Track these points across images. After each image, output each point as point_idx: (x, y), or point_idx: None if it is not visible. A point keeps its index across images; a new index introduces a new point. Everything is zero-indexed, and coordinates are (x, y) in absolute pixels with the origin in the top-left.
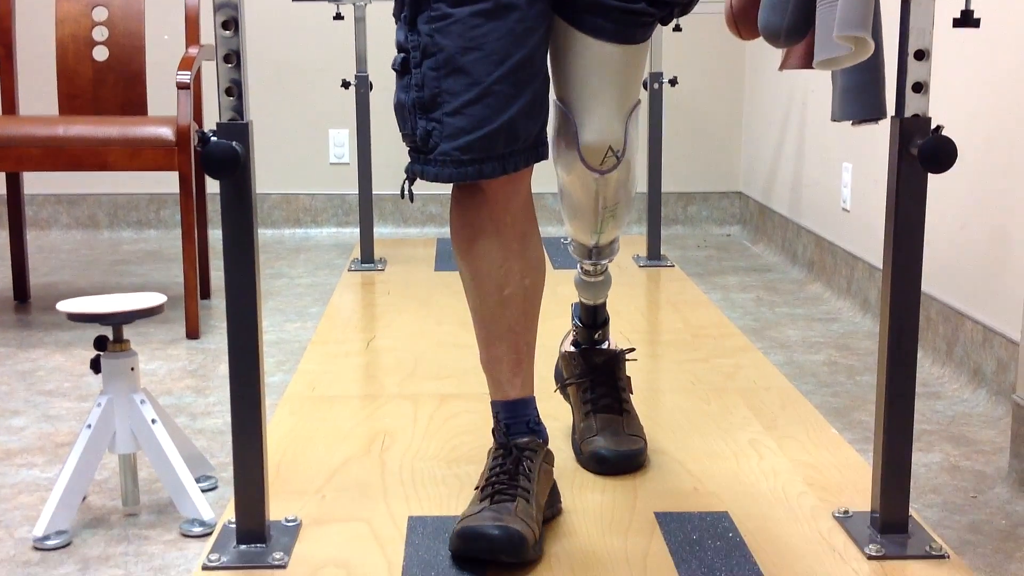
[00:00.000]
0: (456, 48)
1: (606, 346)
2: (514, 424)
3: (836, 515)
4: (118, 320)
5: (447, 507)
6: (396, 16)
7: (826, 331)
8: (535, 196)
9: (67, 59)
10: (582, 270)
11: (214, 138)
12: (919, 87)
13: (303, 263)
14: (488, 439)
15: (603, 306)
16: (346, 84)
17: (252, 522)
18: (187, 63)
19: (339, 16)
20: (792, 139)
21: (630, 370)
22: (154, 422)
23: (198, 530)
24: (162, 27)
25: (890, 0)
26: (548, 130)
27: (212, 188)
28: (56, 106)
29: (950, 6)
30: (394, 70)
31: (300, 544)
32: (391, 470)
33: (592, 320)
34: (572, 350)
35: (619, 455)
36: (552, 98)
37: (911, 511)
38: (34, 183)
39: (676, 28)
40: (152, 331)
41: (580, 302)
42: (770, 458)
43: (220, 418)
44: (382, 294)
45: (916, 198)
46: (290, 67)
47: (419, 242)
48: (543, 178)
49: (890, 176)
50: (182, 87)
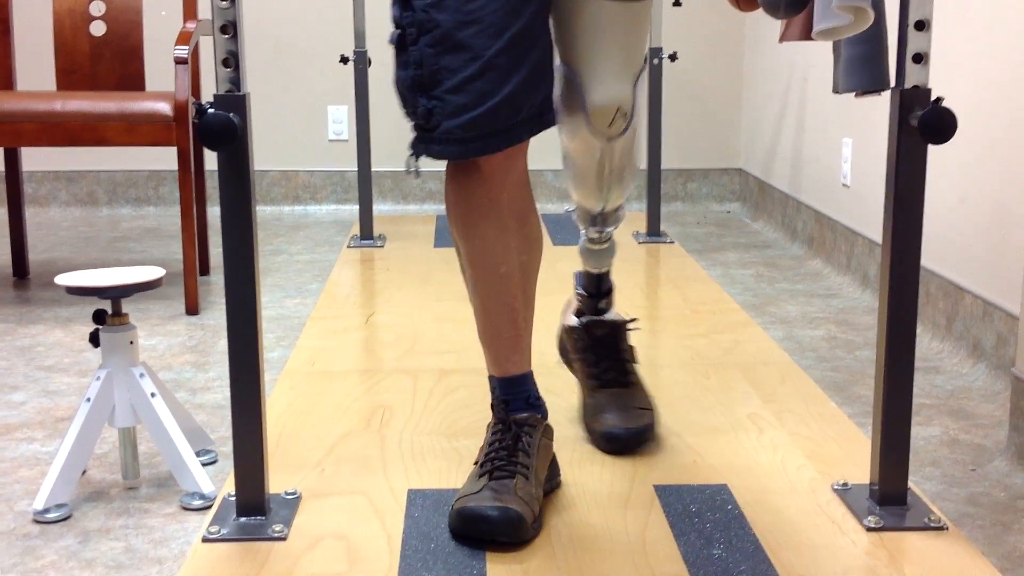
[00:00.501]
0: (453, 23)
1: (611, 316)
2: (513, 400)
3: (835, 487)
4: (116, 293)
5: (446, 480)
6: None
7: (826, 306)
8: (534, 172)
9: (64, 34)
10: (587, 239)
11: (211, 110)
12: (919, 58)
13: (302, 240)
14: (487, 413)
15: (607, 274)
16: (344, 60)
17: (252, 495)
18: (184, 38)
19: None
20: (792, 115)
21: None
22: (153, 395)
23: (198, 503)
24: (159, 2)
25: None
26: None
27: (211, 165)
28: (53, 81)
29: None
30: (391, 44)
31: (300, 516)
32: (390, 444)
33: (596, 288)
34: (574, 323)
35: (630, 432)
36: (556, 63)
37: (910, 483)
38: (33, 160)
39: (676, 3)
40: (152, 307)
41: (584, 271)
42: (769, 432)
43: (220, 393)
44: (381, 270)
45: (916, 170)
46: (288, 43)
47: (418, 219)
48: (542, 154)
49: (890, 148)
50: (180, 62)
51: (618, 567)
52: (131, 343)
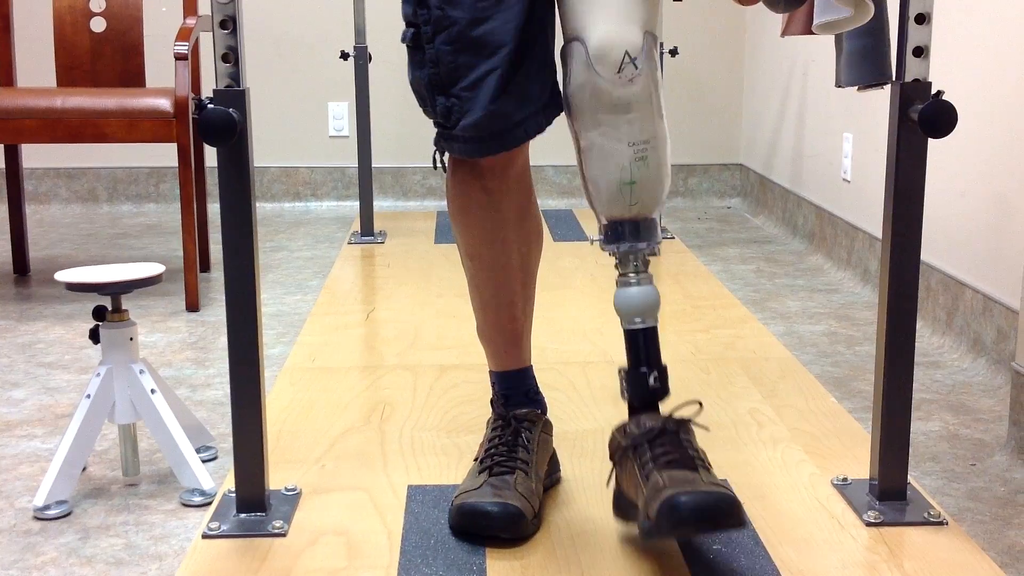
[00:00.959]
0: (467, 20)
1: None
2: (512, 395)
3: (835, 483)
4: (116, 290)
5: (447, 476)
6: None
7: (826, 302)
8: (535, 168)
9: (64, 30)
10: (619, 272)
11: (211, 105)
12: (920, 51)
13: (303, 236)
14: (488, 409)
15: (654, 332)
16: (345, 56)
17: (252, 491)
18: (185, 34)
19: None
20: (793, 110)
21: None
22: (153, 392)
23: (198, 499)
24: None
25: None
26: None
27: (211, 161)
28: (54, 78)
29: None
30: (403, 43)
31: (300, 512)
32: (391, 440)
33: (647, 356)
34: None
35: (699, 499)
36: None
37: (910, 479)
38: (33, 157)
39: None
40: (152, 304)
41: (626, 343)
42: (769, 427)
43: (220, 389)
44: (382, 266)
45: (916, 164)
46: (289, 39)
47: (419, 215)
48: (543, 150)
49: (890, 142)
50: (180, 58)
51: (618, 562)
52: (131, 340)
